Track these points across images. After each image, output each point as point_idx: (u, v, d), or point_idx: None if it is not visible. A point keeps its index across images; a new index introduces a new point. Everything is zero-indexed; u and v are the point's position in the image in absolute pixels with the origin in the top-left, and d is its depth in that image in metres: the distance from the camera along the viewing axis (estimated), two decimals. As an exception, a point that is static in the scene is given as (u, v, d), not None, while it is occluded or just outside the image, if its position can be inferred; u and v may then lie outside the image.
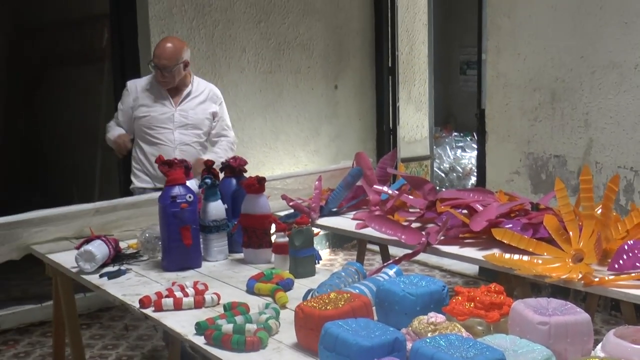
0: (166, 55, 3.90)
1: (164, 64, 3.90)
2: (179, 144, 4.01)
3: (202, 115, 4.07)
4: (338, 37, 6.16)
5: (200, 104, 4.09)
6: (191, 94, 4.07)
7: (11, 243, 2.97)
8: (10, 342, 4.48)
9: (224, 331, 1.88)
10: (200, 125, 4.06)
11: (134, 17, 5.17)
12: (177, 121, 4.02)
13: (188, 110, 4.05)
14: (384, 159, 3.74)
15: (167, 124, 4.02)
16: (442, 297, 1.88)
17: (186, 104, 4.06)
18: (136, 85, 4.10)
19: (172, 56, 3.91)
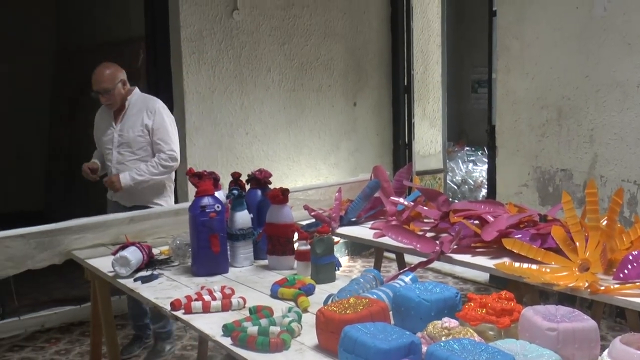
0: (104, 79, 3.84)
1: (103, 88, 3.84)
2: (116, 163, 3.92)
3: (133, 133, 3.89)
4: (357, 57, 6.16)
5: (134, 120, 3.91)
6: (127, 111, 3.94)
7: (53, 249, 3.00)
8: (53, 340, 4.51)
9: (249, 333, 1.88)
10: (133, 143, 3.89)
11: (167, 39, 5.21)
12: (115, 141, 3.93)
13: (124, 129, 3.91)
14: (400, 172, 3.72)
15: (109, 144, 3.95)
16: (455, 303, 1.86)
17: (123, 121, 3.93)
18: (98, 115, 4.11)
19: (109, 78, 3.85)
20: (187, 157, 5.19)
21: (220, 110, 5.35)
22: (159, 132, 3.88)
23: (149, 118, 3.89)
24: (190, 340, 4.39)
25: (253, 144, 5.55)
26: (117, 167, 3.90)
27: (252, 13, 5.44)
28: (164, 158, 3.88)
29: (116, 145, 3.92)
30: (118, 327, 4.44)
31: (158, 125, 3.89)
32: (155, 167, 3.86)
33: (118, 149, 3.91)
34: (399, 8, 6.31)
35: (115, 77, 3.87)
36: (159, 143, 3.88)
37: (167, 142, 3.90)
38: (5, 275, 3.17)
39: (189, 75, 5.17)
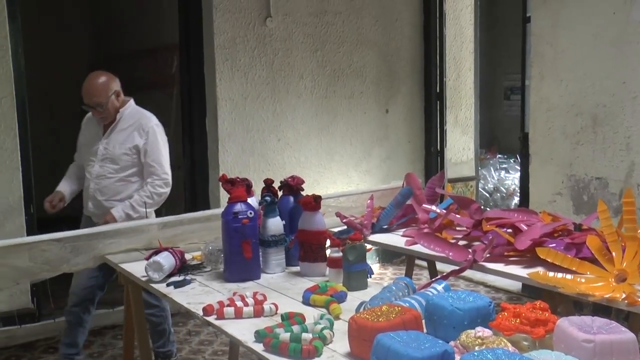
0: (96, 91, 3.58)
1: (95, 102, 3.58)
2: (96, 177, 3.68)
3: (120, 150, 3.65)
4: (389, 64, 6.15)
5: (124, 137, 3.66)
6: (117, 126, 3.68)
7: (88, 253, 3.04)
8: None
9: (281, 339, 1.88)
10: (117, 160, 3.65)
11: (201, 47, 5.27)
12: (100, 154, 3.68)
13: (110, 142, 3.66)
14: (433, 179, 3.70)
15: (93, 156, 3.70)
16: (488, 312, 1.84)
17: (112, 135, 3.68)
18: (86, 120, 3.83)
19: (102, 90, 3.58)
20: (219, 163, 5.23)
21: (253, 117, 5.38)
22: (152, 154, 3.66)
23: (140, 137, 3.66)
24: (221, 345, 4.42)
25: (285, 151, 5.57)
26: (95, 181, 3.68)
27: (285, 20, 5.47)
28: (159, 184, 3.67)
29: (100, 159, 3.68)
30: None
31: (151, 146, 3.66)
32: (150, 197, 3.64)
33: (101, 162, 3.68)
34: (432, 15, 6.29)
35: (108, 89, 3.60)
36: (152, 165, 3.65)
37: (162, 165, 3.69)
38: (41, 278, 3.24)
39: (222, 82, 5.21)
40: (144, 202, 3.56)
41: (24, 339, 4.43)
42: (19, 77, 4.46)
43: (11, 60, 4.38)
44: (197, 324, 4.79)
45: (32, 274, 3.01)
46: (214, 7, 5.12)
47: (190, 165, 5.39)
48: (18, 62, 4.46)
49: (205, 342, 4.54)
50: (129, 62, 7.70)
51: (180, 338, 4.61)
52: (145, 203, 3.56)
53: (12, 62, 4.38)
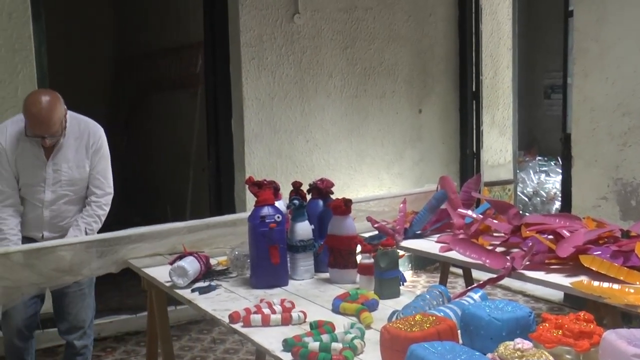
0: (53, 123, 3.18)
1: (52, 133, 3.21)
2: (50, 204, 3.35)
3: (75, 171, 3.36)
4: (422, 62, 6.13)
5: (72, 154, 3.34)
6: (64, 143, 3.31)
7: (110, 257, 3.06)
8: (108, 349, 4.62)
9: (310, 349, 1.88)
10: (74, 182, 3.38)
11: (226, 45, 5.30)
12: (50, 179, 3.31)
13: (59, 163, 3.32)
14: (469, 182, 3.68)
15: (40, 183, 3.31)
16: (528, 323, 1.81)
17: (58, 155, 3.31)
18: (7, 141, 3.27)
19: (58, 119, 3.21)
20: (245, 165, 5.26)
21: (280, 117, 5.39)
22: (99, 166, 3.42)
23: (88, 150, 3.38)
24: (247, 354, 4.44)
25: (313, 152, 5.57)
26: (50, 208, 3.36)
27: (314, 17, 5.48)
28: (105, 203, 3.45)
29: (51, 184, 3.33)
30: (173, 338, 4.52)
31: (100, 159, 3.42)
32: (97, 221, 3.42)
33: (53, 187, 3.34)
34: (467, 9, 6.25)
35: (61, 114, 3.23)
36: (98, 178, 3.42)
37: (107, 178, 3.47)
38: (63, 283, 3.27)
39: (248, 81, 5.24)
40: (92, 229, 3.39)
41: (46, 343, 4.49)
42: (42, 78, 4.53)
43: (35, 61, 4.45)
44: (222, 331, 4.82)
45: (53, 278, 3.06)
46: (240, 4, 5.15)
47: (215, 167, 5.42)
48: (41, 62, 4.53)
49: (231, 350, 4.56)
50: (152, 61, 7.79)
51: (205, 346, 4.64)
52: (92, 230, 3.38)
53: (35, 62, 4.45)
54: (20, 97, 4.33)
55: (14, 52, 4.37)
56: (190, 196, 6.75)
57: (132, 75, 8.38)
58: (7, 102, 4.33)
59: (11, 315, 3.35)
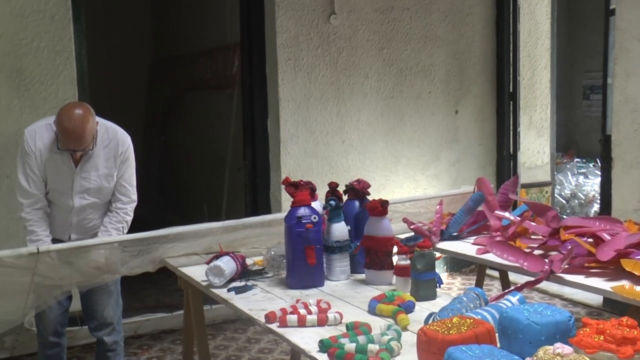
0: (86, 138, 3.18)
1: (82, 148, 3.21)
2: (78, 210, 3.36)
3: (104, 180, 3.36)
4: (459, 62, 6.08)
5: (101, 162, 3.35)
6: (93, 152, 3.30)
7: (148, 256, 3.10)
8: (145, 347, 4.67)
9: (346, 350, 1.88)
10: (102, 190, 3.38)
11: (263, 46, 5.32)
12: (77, 187, 3.32)
13: (90, 172, 3.32)
14: (506, 184, 3.64)
15: (67, 190, 3.33)
16: (568, 327, 1.79)
17: (88, 164, 3.32)
18: (37, 146, 3.28)
19: (90, 134, 3.20)
20: (281, 166, 5.27)
21: (316, 118, 5.40)
22: (126, 174, 3.44)
23: (116, 158, 3.39)
24: (282, 354, 4.45)
25: (349, 153, 5.56)
26: (78, 214, 3.38)
27: (350, 17, 5.48)
28: (130, 209, 3.46)
29: (78, 192, 3.34)
30: (209, 336, 4.55)
31: (127, 167, 3.43)
32: (125, 226, 3.45)
33: (80, 194, 3.35)
34: (505, 9, 6.18)
35: (93, 128, 3.22)
36: (124, 186, 3.43)
37: (133, 186, 3.48)
38: (101, 282, 3.32)
39: (285, 82, 5.25)
40: (120, 234, 3.41)
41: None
42: (82, 78, 4.60)
43: (75, 62, 4.52)
44: (256, 331, 4.84)
45: (92, 276, 3.10)
46: (276, 5, 5.17)
47: (251, 167, 5.44)
48: (81, 63, 4.60)
49: (266, 350, 4.58)
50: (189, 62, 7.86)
51: (240, 345, 4.67)
52: (118, 232, 3.41)
53: (75, 63, 4.52)
54: (60, 98, 4.43)
55: (56, 54, 4.45)
56: (226, 196, 6.79)
57: (169, 76, 8.46)
58: (48, 102, 4.41)
59: (46, 313, 3.41)
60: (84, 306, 3.58)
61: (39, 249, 2.90)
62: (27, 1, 4.35)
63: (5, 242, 4.09)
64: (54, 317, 3.46)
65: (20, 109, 4.37)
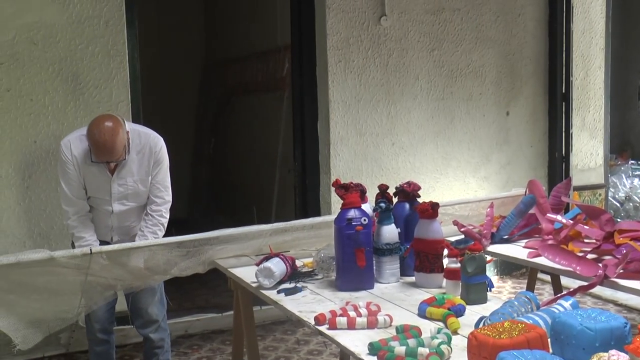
0: (118, 150, 3.29)
1: (115, 159, 3.34)
2: (118, 214, 3.50)
3: (140, 185, 3.48)
4: (510, 63, 6.01)
5: (135, 168, 3.45)
6: (127, 159, 3.41)
7: (198, 257, 3.15)
8: (195, 347, 4.73)
9: (396, 353, 1.88)
10: (139, 194, 3.50)
11: (313, 48, 5.34)
12: (115, 193, 3.45)
13: (124, 179, 3.44)
14: (558, 186, 3.58)
15: (106, 196, 3.45)
16: (624, 334, 1.76)
17: (124, 171, 3.43)
18: (74, 154, 3.41)
19: (121, 145, 3.31)
20: (330, 167, 5.29)
21: (366, 120, 5.40)
22: (160, 176, 3.52)
23: (150, 161, 3.48)
24: (331, 356, 4.46)
25: (399, 155, 5.55)
26: (118, 217, 3.51)
27: (401, 19, 5.46)
28: (165, 211, 3.54)
29: (117, 198, 3.48)
30: (259, 337, 4.59)
31: (161, 169, 3.52)
32: (161, 229, 3.54)
33: (119, 200, 3.48)
34: (558, 8, 6.08)
35: (124, 139, 3.33)
36: (158, 188, 3.52)
37: (168, 188, 3.57)
38: (153, 283, 3.38)
39: (335, 84, 5.27)
40: (158, 237, 3.48)
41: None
42: (134, 82, 4.69)
43: (128, 66, 4.61)
44: (306, 332, 4.86)
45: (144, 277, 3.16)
46: (327, 7, 5.19)
47: (301, 169, 5.47)
48: (134, 67, 4.69)
49: (315, 352, 4.60)
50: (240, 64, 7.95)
51: (289, 347, 4.69)
52: (158, 237, 3.48)
53: (128, 67, 4.62)
54: (114, 102, 4.53)
55: (110, 58, 4.55)
56: (275, 198, 6.84)
57: (220, 78, 8.56)
58: (102, 105, 4.52)
59: (94, 311, 3.50)
60: (130, 305, 3.70)
61: (91, 250, 2.97)
62: (83, 7, 4.46)
63: (61, 242, 4.22)
64: (101, 315, 3.58)
65: (75, 112, 4.48)
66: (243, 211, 7.59)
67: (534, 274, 4.05)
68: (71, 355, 4.55)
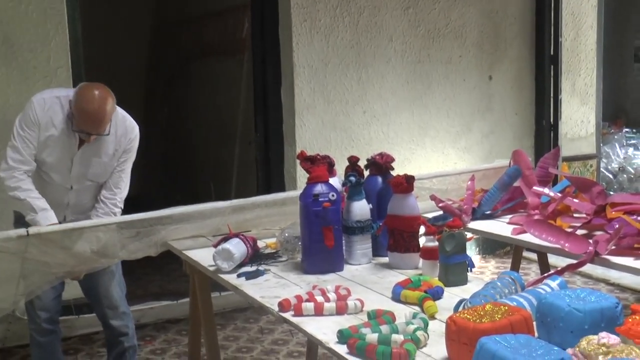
0: (106, 121, 3.24)
1: (99, 132, 3.27)
2: (76, 191, 3.41)
3: (103, 165, 3.41)
4: (494, 23, 6.03)
5: (106, 149, 3.39)
6: (100, 137, 3.32)
7: (149, 239, 3.13)
8: (148, 338, 4.72)
9: (368, 341, 1.88)
10: (101, 175, 3.43)
11: (275, 6, 5.30)
12: (75, 169, 3.36)
13: (90, 157, 3.37)
14: (546, 157, 3.62)
15: (64, 171, 3.37)
16: (615, 315, 1.78)
17: (91, 148, 3.35)
18: (44, 119, 3.28)
19: (108, 121, 3.26)
20: (296, 139, 5.28)
21: (335, 86, 5.39)
22: (125, 164, 3.48)
23: (123, 146, 3.45)
24: (298, 345, 4.48)
25: (371, 125, 5.56)
26: (76, 195, 3.43)
27: (372, -28, 5.45)
28: (120, 201, 3.48)
29: (76, 175, 3.39)
30: (218, 326, 4.59)
31: (129, 157, 3.49)
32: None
33: (78, 178, 3.40)
34: (545, -38, 6.13)
35: (112, 111, 3.29)
36: (120, 176, 3.47)
37: (128, 178, 3.53)
38: (98, 267, 3.35)
39: (300, 47, 5.24)
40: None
41: (83, 329, 4.62)
42: (76, 46, 4.61)
43: (67, 27, 4.52)
44: (270, 320, 4.87)
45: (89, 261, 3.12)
46: (290, -40, 5.15)
47: (263, 141, 5.45)
48: (74, 29, 4.60)
49: (280, 341, 4.61)
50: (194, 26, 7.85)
51: (252, 336, 4.70)
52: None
53: (68, 28, 4.53)
54: (52, 67, 4.45)
55: (47, 18, 4.46)
56: (235, 172, 6.81)
57: (172, 42, 8.46)
58: (39, 71, 4.44)
59: (40, 299, 3.45)
60: (86, 291, 3.64)
61: (28, 232, 2.92)
62: (14, -42, 4.37)
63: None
64: (47, 302, 3.51)
65: (7, 79, 4.40)
66: (200, 187, 7.55)
67: (519, 252, 4.11)
68: (7, 350, 4.50)
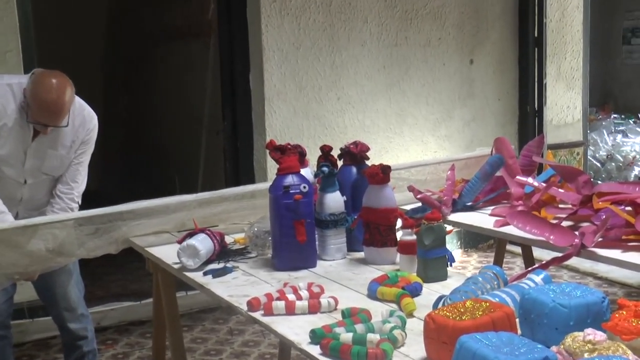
0: (62, 115, 3.16)
1: (57, 124, 3.20)
2: (29, 186, 3.36)
3: (59, 158, 3.35)
4: (475, 3, 6.06)
5: (63, 140, 3.33)
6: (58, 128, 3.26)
7: (110, 235, 3.10)
8: (109, 342, 4.70)
9: (342, 341, 1.89)
10: (57, 168, 3.38)
11: (243, -15, 5.28)
12: (29, 160, 3.30)
13: (45, 149, 3.30)
14: (529, 145, 3.65)
15: (17, 164, 3.29)
16: (601, 310, 1.80)
17: (46, 139, 3.28)
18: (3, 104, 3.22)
19: (67, 112, 3.19)
20: (266, 127, 5.27)
21: (307, 71, 5.39)
22: (83, 157, 3.43)
23: (81, 138, 3.40)
24: (269, 347, 4.49)
25: (346, 112, 5.57)
26: (30, 190, 3.37)
27: (345, -51, 5.45)
28: (77, 195, 3.44)
29: (29, 167, 3.32)
30: (184, 328, 4.58)
31: (86, 150, 3.44)
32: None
33: (32, 171, 3.34)
34: (530, -62, 6.17)
35: (71, 101, 3.22)
36: (77, 170, 3.43)
37: (86, 171, 3.49)
38: (54, 266, 3.31)
39: (269, 29, 5.23)
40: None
41: (38, 334, 4.58)
42: (26, 28, 4.55)
43: (16, 7, 4.46)
44: (240, 321, 4.87)
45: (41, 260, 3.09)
46: None
47: (231, 130, 5.45)
48: (24, 10, 4.54)
49: (251, 343, 4.61)
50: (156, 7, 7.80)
51: (220, 338, 4.70)
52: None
53: (17, 9, 4.47)
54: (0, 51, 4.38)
55: (-8, -3, 4.40)
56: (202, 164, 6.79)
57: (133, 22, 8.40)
58: (-15, 57, 4.38)
59: None
60: (41, 292, 3.60)
61: None
62: None
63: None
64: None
65: (-50, 64, 4.34)
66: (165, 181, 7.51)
67: (502, 245, 4.14)
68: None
